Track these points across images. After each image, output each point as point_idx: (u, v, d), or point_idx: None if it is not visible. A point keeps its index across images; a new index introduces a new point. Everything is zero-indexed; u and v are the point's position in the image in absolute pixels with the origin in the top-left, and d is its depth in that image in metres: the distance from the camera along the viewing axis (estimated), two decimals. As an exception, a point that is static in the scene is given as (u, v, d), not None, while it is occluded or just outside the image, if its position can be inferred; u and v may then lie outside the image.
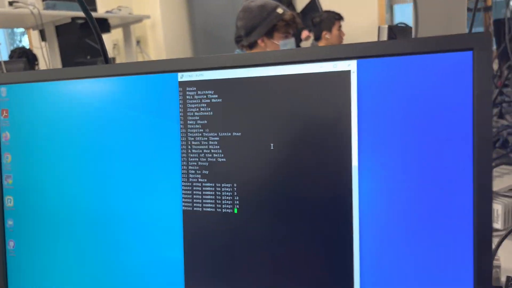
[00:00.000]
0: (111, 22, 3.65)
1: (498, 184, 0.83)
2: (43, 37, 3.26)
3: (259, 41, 1.92)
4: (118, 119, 0.46)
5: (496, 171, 0.93)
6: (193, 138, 0.43)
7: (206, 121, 0.43)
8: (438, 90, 0.35)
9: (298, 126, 0.40)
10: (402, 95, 0.37)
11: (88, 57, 4.10)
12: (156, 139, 0.45)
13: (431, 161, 0.36)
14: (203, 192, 0.43)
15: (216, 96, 0.42)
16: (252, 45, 1.94)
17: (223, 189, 0.43)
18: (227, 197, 0.42)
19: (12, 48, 3.82)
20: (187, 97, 0.43)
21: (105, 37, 3.99)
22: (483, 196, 0.34)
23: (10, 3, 2.84)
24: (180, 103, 0.44)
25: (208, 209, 0.43)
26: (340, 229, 0.39)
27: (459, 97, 0.35)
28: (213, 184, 0.43)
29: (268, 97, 0.41)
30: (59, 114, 0.48)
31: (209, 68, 0.43)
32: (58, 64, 3.28)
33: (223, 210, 0.43)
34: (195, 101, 0.43)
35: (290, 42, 1.93)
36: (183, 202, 0.44)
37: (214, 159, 0.43)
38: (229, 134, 0.42)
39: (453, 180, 0.36)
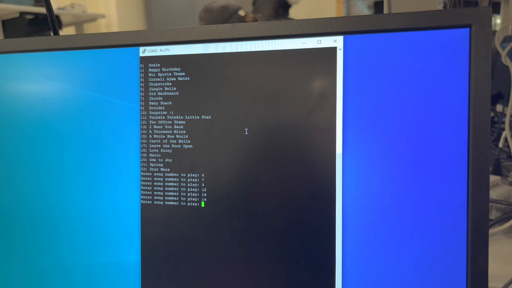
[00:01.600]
0: (63, 19, 3.48)
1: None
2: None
3: (220, 43, 1.87)
4: (68, 100, 0.40)
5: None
6: (155, 122, 0.38)
7: (171, 103, 0.38)
8: (432, 71, 0.32)
9: (276, 109, 0.35)
10: (392, 76, 0.33)
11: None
12: (112, 123, 0.39)
13: (422, 149, 0.33)
14: (165, 184, 0.38)
15: (184, 74, 0.37)
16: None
17: (188, 180, 0.37)
18: (193, 189, 0.37)
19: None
20: (150, 74, 0.38)
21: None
22: (479, 186, 0.31)
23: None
24: (141, 82, 0.38)
25: (171, 203, 0.38)
26: (321, 223, 0.34)
27: (454, 79, 0.32)
28: (177, 174, 0.38)
29: (243, 76, 0.36)
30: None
31: (176, 42, 0.37)
32: None
33: (188, 204, 0.37)
34: (158, 79, 0.38)
35: (252, 45, 1.90)
36: (141, 194, 0.38)
37: (179, 146, 0.37)
38: (198, 117, 0.37)
39: (446, 170, 0.32)
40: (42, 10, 3.10)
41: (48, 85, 0.40)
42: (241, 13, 1.85)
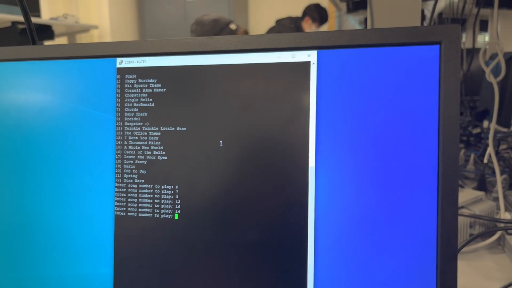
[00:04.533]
0: (56, 30, 3.48)
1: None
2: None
3: (211, 56, 1.88)
4: (44, 109, 0.39)
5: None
6: (130, 133, 0.38)
7: (146, 114, 0.38)
8: (403, 86, 0.33)
9: (251, 122, 0.35)
10: (364, 90, 0.33)
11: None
12: (88, 133, 0.39)
13: (393, 163, 0.33)
14: (140, 195, 0.38)
15: (160, 85, 0.37)
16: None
17: (162, 192, 0.37)
18: (167, 201, 0.37)
19: None
20: (126, 85, 0.38)
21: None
22: (448, 199, 0.31)
23: None
24: (117, 92, 0.38)
25: (145, 215, 0.37)
26: (294, 235, 0.34)
27: (424, 94, 0.32)
28: (151, 186, 0.37)
29: (219, 89, 0.36)
30: (-29, 100, 0.41)
31: (153, 54, 0.38)
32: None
33: (162, 216, 0.37)
34: (135, 90, 0.38)
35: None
36: (115, 206, 0.38)
37: (154, 157, 0.37)
38: (173, 129, 0.37)
39: (416, 184, 0.33)
40: (34, 19, 3.10)
41: (25, 94, 0.40)
42: (232, 26, 1.87)
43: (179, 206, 0.37)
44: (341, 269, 0.34)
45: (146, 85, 0.38)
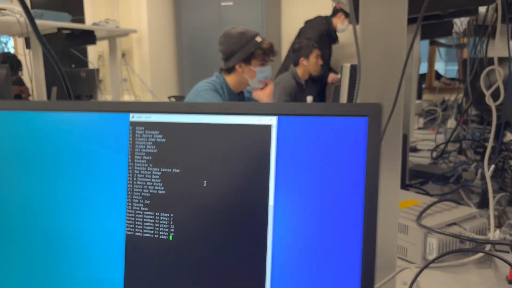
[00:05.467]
0: (98, 34, 3.70)
1: (436, 220, 0.91)
2: (28, 44, 3.28)
3: (237, 67, 2.00)
4: (75, 150, 0.52)
5: (437, 207, 1.00)
6: (138, 171, 0.50)
7: (151, 157, 0.49)
8: (339, 147, 0.43)
9: (227, 168, 0.46)
10: (311, 149, 0.44)
11: (73, 65, 4.14)
12: (107, 169, 0.51)
13: (330, 206, 0.43)
14: (144, 219, 0.49)
15: (161, 136, 0.49)
16: (230, 70, 2.02)
17: (161, 218, 0.49)
18: (164, 225, 0.49)
19: (-4, 52, 3.83)
20: (136, 135, 0.50)
21: (91, 48, 4.04)
22: (369, 239, 0.41)
23: (-3, 10, 2.87)
24: (129, 140, 0.50)
25: (148, 235, 0.49)
26: (254, 258, 0.45)
27: (354, 156, 0.42)
28: (153, 213, 0.49)
29: (204, 141, 0.47)
30: (22, 142, 0.54)
31: (157, 112, 0.49)
32: (41, 72, 3.30)
33: (160, 237, 0.49)
34: (142, 139, 0.50)
35: (267, 70, 2.02)
36: (126, 226, 0.50)
37: (156, 191, 0.49)
38: (170, 170, 0.49)
39: (346, 224, 0.42)
40: (78, 26, 3.32)
41: (63, 138, 0.53)
42: (258, 39, 1.97)
43: (173, 230, 0.48)
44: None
45: (151, 135, 0.49)
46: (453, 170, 1.51)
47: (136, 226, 0.50)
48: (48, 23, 3.11)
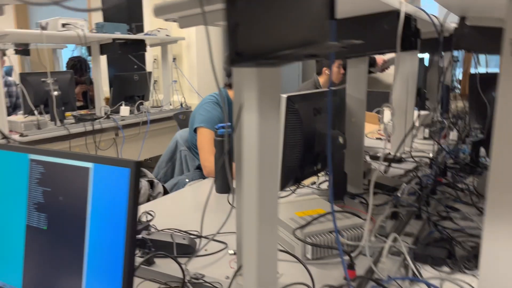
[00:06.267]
0: (151, 41, 4.19)
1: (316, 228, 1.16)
2: (89, 52, 3.85)
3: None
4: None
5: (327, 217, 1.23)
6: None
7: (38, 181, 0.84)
8: (114, 189, 0.73)
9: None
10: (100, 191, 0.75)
11: (135, 67, 4.67)
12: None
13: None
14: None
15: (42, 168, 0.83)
16: (231, 85, 2.32)
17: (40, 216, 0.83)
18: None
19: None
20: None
21: (148, 53, 4.55)
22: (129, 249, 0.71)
23: (63, 25, 3.44)
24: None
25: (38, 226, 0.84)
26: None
27: (121, 198, 0.72)
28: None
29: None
30: None
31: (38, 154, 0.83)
32: (99, 75, 3.85)
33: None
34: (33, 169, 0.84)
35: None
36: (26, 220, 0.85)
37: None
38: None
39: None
40: (130, 36, 3.81)
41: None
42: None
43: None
44: (95, 262, 0.76)
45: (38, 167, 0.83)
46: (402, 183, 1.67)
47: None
48: (105, 35, 3.63)
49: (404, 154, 2.23)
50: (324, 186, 1.74)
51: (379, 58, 3.62)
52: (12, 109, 3.92)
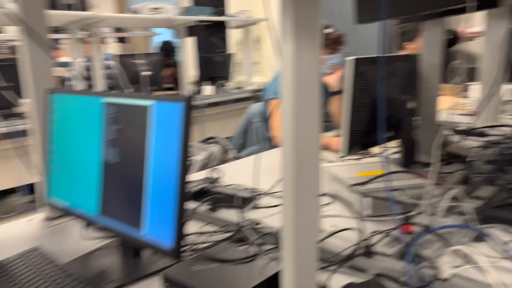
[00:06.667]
0: (233, 23, 4.31)
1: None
2: (177, 35, 4.07)
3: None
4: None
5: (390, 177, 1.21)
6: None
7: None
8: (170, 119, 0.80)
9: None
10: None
11: (217, 50, 4.84)
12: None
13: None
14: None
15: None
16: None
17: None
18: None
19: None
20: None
21: (232, 35, 4.69)
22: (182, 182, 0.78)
23: (153, 9, 3.67)
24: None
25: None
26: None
27: (176, 127, 0.79)
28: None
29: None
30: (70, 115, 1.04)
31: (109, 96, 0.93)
32: (189, 56, 4.04)
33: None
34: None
35: (336, 57, 2.27)
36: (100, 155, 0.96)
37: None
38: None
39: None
40: (212, 18, 3.97)
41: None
42: (327, 30, 2.22)
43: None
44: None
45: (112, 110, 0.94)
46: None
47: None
48: (191, 18, 3.82)
49: (489, 129, 2.07)
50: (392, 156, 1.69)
51: (464, 30, 3.37)
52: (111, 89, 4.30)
